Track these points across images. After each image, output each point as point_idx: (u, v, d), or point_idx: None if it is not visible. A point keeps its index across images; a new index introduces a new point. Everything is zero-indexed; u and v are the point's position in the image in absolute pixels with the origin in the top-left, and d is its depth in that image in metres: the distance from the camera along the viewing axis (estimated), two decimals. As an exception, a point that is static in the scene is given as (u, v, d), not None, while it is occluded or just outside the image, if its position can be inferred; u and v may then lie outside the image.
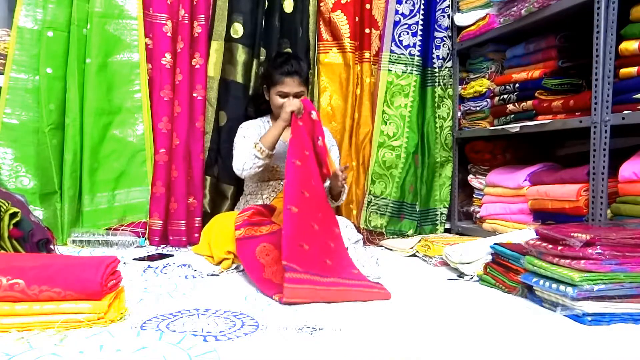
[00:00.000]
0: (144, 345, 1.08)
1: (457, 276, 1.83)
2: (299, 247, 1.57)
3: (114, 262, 1.29)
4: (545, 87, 2.13)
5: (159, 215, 2.37)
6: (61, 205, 2.26)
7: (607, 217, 1.82)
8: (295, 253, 1.55)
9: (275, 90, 2.17)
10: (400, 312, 1.40)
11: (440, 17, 2.69)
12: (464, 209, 2.76)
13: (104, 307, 1.20)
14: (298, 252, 1.56)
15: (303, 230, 1.62)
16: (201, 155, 2.43)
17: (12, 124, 2.24)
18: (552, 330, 1.23)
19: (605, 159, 1.81)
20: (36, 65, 2.23)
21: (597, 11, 1.81)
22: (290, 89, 2.14)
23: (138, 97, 2.39)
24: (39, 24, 2.24)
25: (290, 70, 2.15)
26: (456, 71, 2.72)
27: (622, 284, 1.26)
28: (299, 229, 1.60)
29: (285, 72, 2.15)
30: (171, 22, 2.38)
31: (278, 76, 2.16)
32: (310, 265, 1.57)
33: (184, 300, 1.47)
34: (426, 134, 2.69)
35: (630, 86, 1.74)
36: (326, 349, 1.10)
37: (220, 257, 1.87)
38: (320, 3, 2.57)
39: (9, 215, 1.64)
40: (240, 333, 1.18)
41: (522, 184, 2.21)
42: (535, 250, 1.44)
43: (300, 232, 1.60)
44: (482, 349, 1.11)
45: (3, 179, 2.22)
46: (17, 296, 1.16)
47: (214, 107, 2.47)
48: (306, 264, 1.56)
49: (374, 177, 2.60)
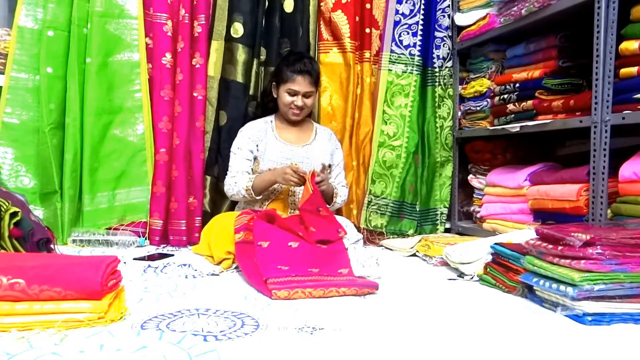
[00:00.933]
0: (144, 345, 1.09)
1: (457, 276, 1.83)
2: (276, 269, 1.66)
3: (114, 261, 1.29)
4: (546, 87, 2.13)
5: (159, 214, 2.37)
6: (61, 204, 2.26)
7: (608, 217, 1.82)
8: (274, 272, 1.64)
9: (286, 87, 2.17)
10: (401, 312, 1.40)
11: (441, 16, 2.69)
12: (464, 208, 2.76)
13: (104, 307, 1.20)
14: (276, 271, 1.65)
15: (277, 256, 1.70)
16: (201, 154, 2.43)
17: (13, 123, 2.24)
18: (552, 330, 1.23)
19: (605, 158, 1.81)
20: (36, 65, 2.23)
21: (598, 11, 1.81)
22: (300, 87, 2.15)
23: (138, 96, 2.38)
24: (39, 23, 2.24)
25: (302, 68, 2.15)
26: (456, 71, 2.72)
27: (622, 284, 1.26)
28: (271, 258, 1.69)
29: (298, 70, 2.15)
30: (171, 21, 2.38)
31: (290, 73, 2.16)
32: (293, 271, 1.65)
33: (184, 300, 1.47)
34: (426, 134, 2.69)
35: (630, 86, 1.74)
36: (326, 349, 1.10)
37: (221, 257, 1.87)
38: (320, 3, 2.57)
39: (9, 215, 1.64)
40: (240, 333, 1.18)
41: (523, 184, 2.21)
42: (535, 250, 1.44)
43: (275, 258, 1.69)
44: (482, 349, 1.11)
45: (3, 179, 2.22)
46: (18, 296, 1.16)
47: (214, 106, 2.47)
48: (288, 272, 1.64)
49: (374, 177, 2.60)
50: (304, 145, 2.25)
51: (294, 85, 2.16)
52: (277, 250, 1.72)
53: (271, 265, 1.66)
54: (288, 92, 2.17)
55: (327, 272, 1.71)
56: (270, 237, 1.74)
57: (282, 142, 2.23)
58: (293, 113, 2.21)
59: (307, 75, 2.16)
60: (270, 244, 1.72)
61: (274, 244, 1.73)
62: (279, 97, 2.22)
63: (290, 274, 1.63)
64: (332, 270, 1.73)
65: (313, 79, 2.19)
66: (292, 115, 2.22)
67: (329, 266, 1.74)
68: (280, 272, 1.64)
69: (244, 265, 1.74)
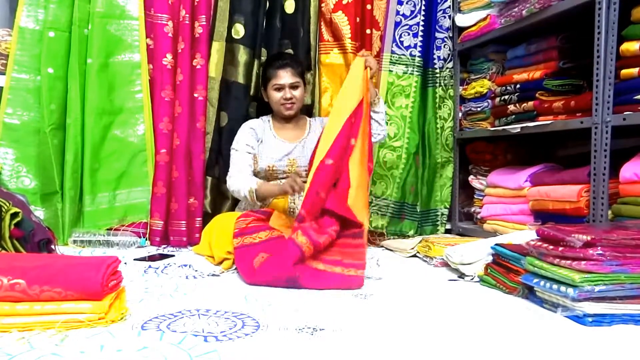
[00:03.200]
0: (144, 346, 1.09)
1: (458, 277, 1.83)
2: (315, 194, 1.77)
3: (115, 262, 1.29)
4: (546, 88, 2.13)
5: (159, 215, 2.37)
6: (62, 205, 2.26)
7: (608, 218, 1.82)
8: (311, 200, 1.76)
9: (271, 84, 2.19)
10: (401, 312, 1.39)
11: (441, 17, 2.69)
12: (464, 209, 2.76)
13: (105, 307, 1.20)
14: (314, 200, 1.76)
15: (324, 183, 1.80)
16: (202, 155, 2.43)
17: (14, 124, 2.25)
18: (552, 331, 1.23)
19: (606, 159, 1.81)
20: (37, 66, 2.23)
21: (598, 12, 1.81)
22: (285, 80, 2.17)
23: (139, 97, 2.39)
24: (40, 24, 2.24)
25: (282, 63, 2.18)
26: (457, 72, 2.72)
27: (622, 285, 1.26)
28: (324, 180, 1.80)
29: (278, 65, 2.18)
30: (172, 22, 2.39)
31: (272, 71, 2.19)
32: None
33: (184, 300, 1.47)
34: (427, 135, 2.69)
35: (631, 87, 1.74)
36: (326, 349, 1.10)
37: (221, 257, 1.87)
38: (321, 4, 2.57)
39: (10, 216, 1.64)
40: (241, 333, 1.18)
41: (523, 185, 2.21)
42: (535, 251, 1.43)
43: (322, 183, 1.79)
44: (482, 349, 1.11)
45: (4, 179, 2.22)
46: (18, 296, 1.16)
47: (215, 107, 2.47)
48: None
49: (375, 178, 2.60)
50: (301, 140, 2.26)
51: (279, 80, 2.17)
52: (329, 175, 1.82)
53: (313, 189, 1.79)
54: (275, 88, 2.18)
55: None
56: (335, 157, 1.83)
57: (280, 139, 2.24)
58: (285, 107, 2.21)
59: (288, 68, 2.17)
60: (334, 163, 1.82)
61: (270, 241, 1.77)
62: (269, 98, 2.23)
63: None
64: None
65: (296, 70, 2.19)
66: (285, 110, 2.21)
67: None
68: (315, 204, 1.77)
69: (243, 270, 1.74)
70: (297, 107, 2.24)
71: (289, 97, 2.18)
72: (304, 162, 2.20)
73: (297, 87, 2.20)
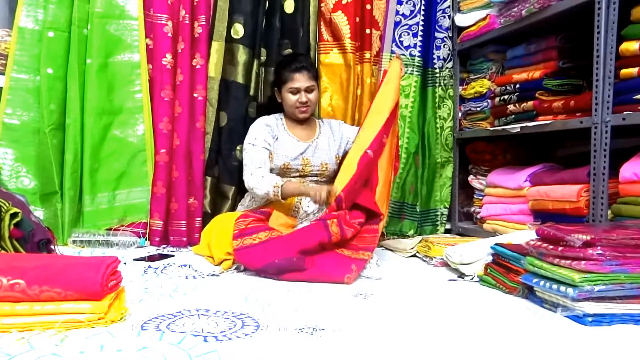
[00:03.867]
0: (144, 346, 1.08)
1: (458, 277, 1.83)
2: (354, 183, 1.89)
3: (115, 262, 1.29)
4: (546, 88, 2.13)
5: (159, 215, 2.37)
6: (62, 205, 2.26)
7: (608, 218, 1.82)
8: (350, 188, 1.87)
9: (287, 87, 2.19)
10: (401, 312, 1.40)
11: (441, 17, 2.69)
12: (464, 209, 2.76)
13: (105, 308, 1.20)
14: (352, 188, 1.87)
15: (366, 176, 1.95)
16: (202, 155, 2.43)
17: (13, 124, 2.25)
18: (552, 331, 1.23)
19: (605, 159, 1.81)
20: (37, 66, 2.23)
21: (598, 12, 1.81)
22: (301, 84, 2.17)
23: (139, 97, 2.39)
24: (39, 24, 2.24)
25: (299, 65, 2.18)
26: (457, 72, 2.72)
27: (622, 285, 1.26)
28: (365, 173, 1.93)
29: (295, 68, 2.17)
30: (172, 22, 2.38)
31: (288, 74, 2.18)
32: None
33: (184, 300, 1.47)
34: (427, 135, 2.69)
35: (630, 87, 1.74)
36: (326, 349, 1.10)
37: (221, 257, 1.87)
38: (320, 3, 2.57)
39: (9, 216, 1.64)
40: (240, 333, 1.18)
41: (523, 185, 2.21)
42: (535, 251, 1.44)
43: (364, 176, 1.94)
44: (482, 349, 1.11)
45: (4, 179, 2.22)
46: (18, 296, 1.16)
47: (214, 107, 2.47)
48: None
49: (375, 178, 2.60)
50: (313, 140, 2.27)
51: (295, 83, 2.17)
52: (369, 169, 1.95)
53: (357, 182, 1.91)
54: (290, 91, 2.18)
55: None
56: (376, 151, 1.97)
57: (293, 137, 2.24)
58: (300, 111, 2.21)
59: (304, 71, 2.17)
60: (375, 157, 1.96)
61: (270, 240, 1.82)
62: (283, 100, 2.23)
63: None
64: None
65: (312, 73, 2.20)
66: (299, 114, 2.22)
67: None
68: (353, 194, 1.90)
69: (247, 265, 1.82)
70: (312, 110, 2.26)
71: (305, 101, 2.18)
72: (317, 162, 2.23)
73: (312, 91, 2.20)
